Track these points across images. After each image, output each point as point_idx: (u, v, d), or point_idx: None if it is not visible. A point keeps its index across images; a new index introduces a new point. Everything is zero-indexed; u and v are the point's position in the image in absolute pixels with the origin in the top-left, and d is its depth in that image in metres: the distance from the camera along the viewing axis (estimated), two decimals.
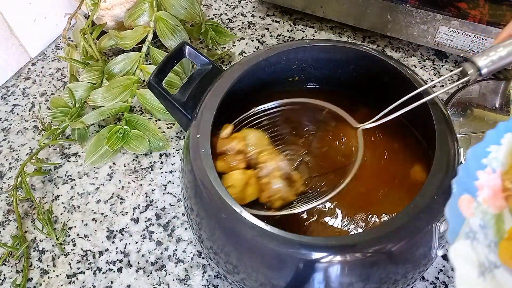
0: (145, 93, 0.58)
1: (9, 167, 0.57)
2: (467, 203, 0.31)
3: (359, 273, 0.35)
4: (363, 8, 0.61)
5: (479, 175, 0.32)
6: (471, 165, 0.32)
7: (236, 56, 0.67)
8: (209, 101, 0.43)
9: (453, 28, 0.57)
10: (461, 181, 0.31)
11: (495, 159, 0.32)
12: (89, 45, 0.61)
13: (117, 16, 0.64)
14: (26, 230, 0.52)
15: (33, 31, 0.67)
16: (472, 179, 0.31)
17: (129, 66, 0.61)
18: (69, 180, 0.56)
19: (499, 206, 0.31)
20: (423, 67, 0.64)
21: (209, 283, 0.47)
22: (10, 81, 0.67)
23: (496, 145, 0.32)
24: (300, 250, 0.34)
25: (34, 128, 0.61)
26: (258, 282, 0.38)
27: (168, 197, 0.54)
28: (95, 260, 0.49)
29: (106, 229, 0.51)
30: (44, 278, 0.48)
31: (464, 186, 0.31)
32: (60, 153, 0.58)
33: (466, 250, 0.29)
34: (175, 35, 0.61)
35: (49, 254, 0.50)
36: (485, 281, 0.29)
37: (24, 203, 0.54)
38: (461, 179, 0.31)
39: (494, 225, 0.30)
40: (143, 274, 0.48)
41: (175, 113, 0.46)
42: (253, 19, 0.72)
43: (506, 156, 0.32)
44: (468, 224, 0.30)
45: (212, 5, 0.74)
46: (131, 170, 0.56)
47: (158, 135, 0.57)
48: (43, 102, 0.64)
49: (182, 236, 0.50)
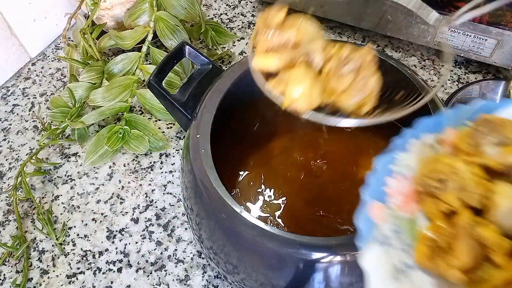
0: (145, 93, 0.58)
1: (9, 167, 0.57)
2: (378, 210, 0.31)
3: (359, 273, 0.35)
4: (363, 8, 0.61)
5: (388, 182, 0.32)
6: (380, 172, 0.32)
7: (236, 56, 0.67)
8: (209, 101, 0.43)
9: (453, 28, 0.57)
10: (371, 189, 0.31)
11: (405, 166, 0.32)
12: (89, 45, 0.61)
13: (117, 16, 0.64)
14: (26, 230, 0.52)
15: (33, 31, 0.67)
16: (381, 186, 0.32)
17: (129, 66, 0.61)
18: (69, 180, 0.56)
19: (411, 210, 0.31)
20: (423, 67, 0.64)
21: (209, 283, 0.47)
22: (10, 81, 0.67)
23: (403, 152, 0.33)
24: (300, 250, 0.34)
25: (34, 128, 0.61)
26: (258, 282, 0.38)
27: (168, 197, 0.53)
28: (95, 260, 0.49)
29: (106, 229, 0.51)
30: (44, 278, 0.48)
31: (374, 193, 0.31)
32: (60, 153, 0.58)
33: (378, 256, 0.29)
34: (175, 35, 0.61)
35: (49, 254, 0.50)
36: (400, 284, 0.29)
37: (24, 203, 0.54)
38: (370, 187, 0.31)
39: (409, 229, 0.30)
40: (143, 274, 0.48)
41: (175, 113, 0.46)
42: (253, 19, 0.72)
43: (414, 161, 0.32)
44: (379, 231, 0.30)
45: (212, 5, 0.74)
46: (131, 170, 0.56)
47: (158, 135, 0.57)
48: (43, 102, 0.64)
49: (182, 236, 0.50)
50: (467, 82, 0.62)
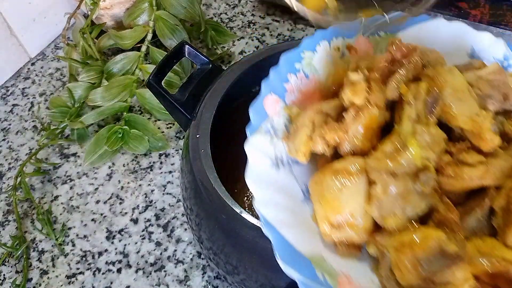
0: (145, 93, 0.58)
1: (9, 167, 0.57)
2: (273, 103, 0.32)
3: None
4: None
5: (289, 78, 0.32)
6: (283, 69, 0.32)
7: (236, 56, 0.67)
8: (209, 101, 0.43)
9: None
10: (271, 83, 0.32)
11: (309, 65, 0.33)
12: (88, 44, 0.60)
13: (116, 15, 0.64)
14: (26, 230, 0.52)
15: (33, 31, 0.67)
16: (282, 81, 0.32)
17: (128, 66, 0.61)
18: (68, 180, 0.56)
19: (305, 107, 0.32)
20: None
21: (208, 283, 0.47)
22: (10, 81, 0.66)
23: (311, 51, 0.33)
24: None
25: (33, 128, 0.61)
26: (258, 282, 0.37)
27: (167, 198, 0.53)
28: (95, 261, 0.49)
29: (105, 230, 0.51)
30: (43, 278, 0.48)
31: (273, 87, 0.32)
32: (60, 153, 0.58)
33: (263, 144, 0.31)
34: (175, 35, 0.61)
35: (49, 254, 0.50)
36: (278, 172, 0.30)
37: (24, 203, 0.54)
38: (271, 80, 0.32)
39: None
40: (142, 275, 0.48)
41: (174, 113, 0.46)
42: (253, 18, 0.72)
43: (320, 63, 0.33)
44: (270, 122, 0.31)
45: (211, 4, 0.74)
46: (130, 171, 0.56)
47: (157, 135, 0.57)
48: (43, 102, 0.64)
49: (181, 237, 0.50)
50: None
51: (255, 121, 0.31)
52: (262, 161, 0.30)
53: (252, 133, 0.30)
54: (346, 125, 0.29)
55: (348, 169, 0.28)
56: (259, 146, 0.30)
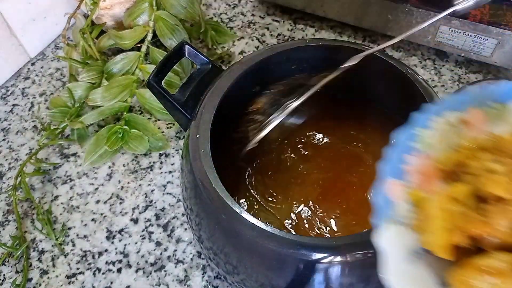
0: (145, 93, 0.58)
1: (9, 167, 0.57)
2: (395, 187, 0.30)
3: (359, 273, 0.35)
4: (363, 8, 0.61)
5: (407, 159, 0.30)
6: (398, 148, 0.31)
7: (236, 56, 0.67)
8: (209, 101, 0.43)
9: (454, 28, 0.57)
10: (388, 165, 0.30)
11: (425, 143, 0.31)
12: (88, 44, 0.60)
13: (116, 15, 0.64)
14: (26, 230, 0.52)
15: (33, 31, 0.67)
16: (399, 163, 0.30)
17: (128, 66, 0.61)
18: (68, 180, 0.56)
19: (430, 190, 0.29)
20: (423, 66, 0.64)
21: (208, 283, 0.47)
22: (10, 81, 0.66)
23: (424, 129, 0.31)
24: (300, 251, 0.34)
25: (33, 128, 0.61)
26: (258, 283, 0.37)
27: (167, 198, 0.53)
28: (95, 261, 0.49)
29: (105, 230, 0.51)
30: (43, 278, 0.48)
31: (391, 169, 0.30)
32: (60, 153, 0.58)
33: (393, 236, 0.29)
34: (175, 35, 0.61)
35: (49, 254, 0.50)
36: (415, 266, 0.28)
37: (24, 203, 0.54)
38: (388, 163, 0.30)
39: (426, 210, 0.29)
40: (142, 275, 0.48)
41: (174, 113, 0.46)
42: (253, 18, 0.72)
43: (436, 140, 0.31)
44: (395, 209, 0.29)
45: (211, 4, 0.74)
46: (130, 170, 0.56)
47: (157, 135, 0.57)
48: (43, 102, 0.64)
49: (181, 237, 0.50)
50: (467, 82, 0.61)
51: (381, 209, 0.29)
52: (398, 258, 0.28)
53: (381, 224, 0.29)
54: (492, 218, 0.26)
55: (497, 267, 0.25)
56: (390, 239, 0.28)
